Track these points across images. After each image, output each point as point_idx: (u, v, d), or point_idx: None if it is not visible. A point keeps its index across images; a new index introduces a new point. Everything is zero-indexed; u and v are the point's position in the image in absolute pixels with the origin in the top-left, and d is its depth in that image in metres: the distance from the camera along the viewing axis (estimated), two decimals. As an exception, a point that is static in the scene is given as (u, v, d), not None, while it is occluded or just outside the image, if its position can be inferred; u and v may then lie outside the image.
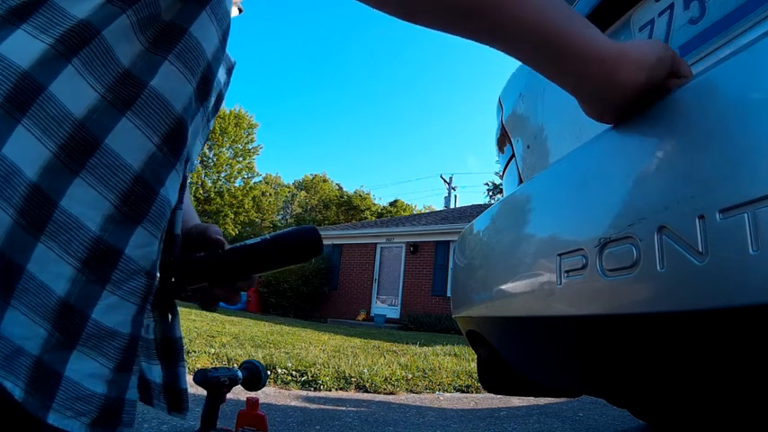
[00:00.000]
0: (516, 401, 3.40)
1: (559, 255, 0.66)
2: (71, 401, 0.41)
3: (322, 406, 3.04)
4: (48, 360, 0.40)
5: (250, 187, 30.92)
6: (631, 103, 0.49)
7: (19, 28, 0.41)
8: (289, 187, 39.46)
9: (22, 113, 0.40)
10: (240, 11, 0.77)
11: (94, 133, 0.43)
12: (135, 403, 0.47)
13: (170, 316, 0.57)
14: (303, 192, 39.48)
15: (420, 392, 3.69)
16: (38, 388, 0.40)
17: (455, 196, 29.28)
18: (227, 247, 0.57)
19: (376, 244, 15.41)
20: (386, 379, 3.81)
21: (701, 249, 0.43)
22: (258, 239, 0.56)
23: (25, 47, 0.41)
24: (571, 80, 0.49)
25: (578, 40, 0.45)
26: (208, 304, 0.58)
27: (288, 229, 0.57)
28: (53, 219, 0.41)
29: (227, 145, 29.85)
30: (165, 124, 0.47)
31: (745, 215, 0.39)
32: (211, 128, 0.75)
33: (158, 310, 0.56)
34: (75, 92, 0.42)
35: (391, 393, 3.58)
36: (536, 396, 1.30)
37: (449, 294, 4.33)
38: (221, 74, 0.68)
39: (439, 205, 45.93)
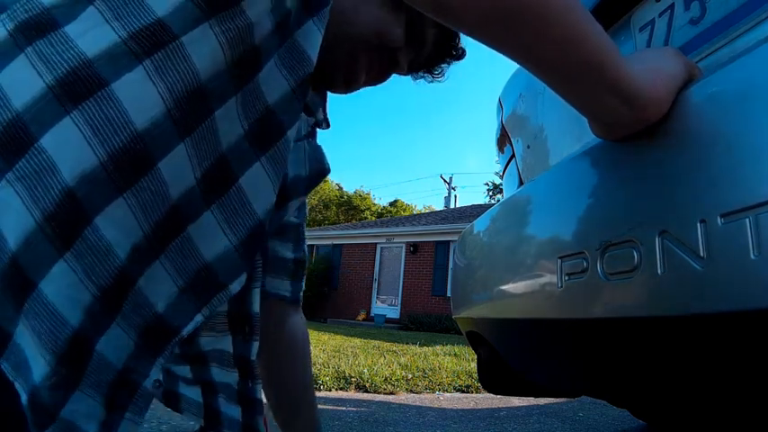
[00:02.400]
0: (516, 401, 3.40)
1: (560, 257, 0.65)
2: None
3: (322, 406, 3.04)
4: (44, 396, 0.35)
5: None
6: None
7: (92, 4, 0.35)
8: (289, 187, 39.33)
9: (73, 104, 0.34)
10: (327, 125, 0.70)
11: (152, 152, 0.36)
12: None
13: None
14: (303, 191, 39.37)
15: (420, 392, 3.69)
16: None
17: (455, 196, 29.30)
18: None
19: (376, 244, 15.41)
20: (386, 379, 3.81)
21: (702, 254, 0.42)
22: None
23: (95, 34, 0.34)
24: (593, 109, 0.46)
25: (621, 76, 0.41)
26: None
27: None
28: (83, 236, 0.34)
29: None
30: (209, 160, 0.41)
31: (747, 220, 0.39)
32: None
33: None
34: (141, 97, 0.35)
35: (391, 393, 3.58)
36: (536, 396, 1.29)
37: (449, 294, 4.32)
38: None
39: (439, 205, 45.83)
